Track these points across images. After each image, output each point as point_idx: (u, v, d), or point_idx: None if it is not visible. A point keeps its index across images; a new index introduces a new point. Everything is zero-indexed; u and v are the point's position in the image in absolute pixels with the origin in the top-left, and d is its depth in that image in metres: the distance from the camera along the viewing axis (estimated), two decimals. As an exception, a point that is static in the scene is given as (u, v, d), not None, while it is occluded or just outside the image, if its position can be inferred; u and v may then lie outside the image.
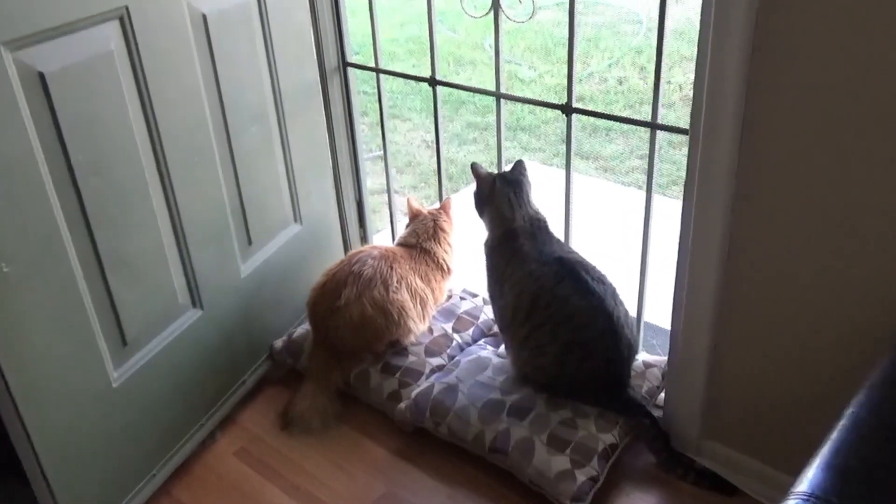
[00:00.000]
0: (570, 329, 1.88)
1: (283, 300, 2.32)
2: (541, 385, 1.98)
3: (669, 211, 1.80)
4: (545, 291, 1.90)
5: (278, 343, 2.31)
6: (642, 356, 2.11)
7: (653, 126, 1.88)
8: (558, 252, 1.96)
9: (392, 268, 2.16)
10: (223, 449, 2.09)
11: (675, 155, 3.88)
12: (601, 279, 1.92)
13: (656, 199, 1.97)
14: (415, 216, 2.35)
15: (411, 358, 2.18)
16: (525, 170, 2.08)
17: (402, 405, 2.07)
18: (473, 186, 2.10)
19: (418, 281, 2.21)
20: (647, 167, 1.94)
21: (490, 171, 2.08)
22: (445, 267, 2.31)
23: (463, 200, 2.12)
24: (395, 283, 2.14)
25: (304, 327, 2.29)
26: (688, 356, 1.85)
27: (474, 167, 2.07)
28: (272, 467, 2.02)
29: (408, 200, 2.39)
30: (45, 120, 1.51)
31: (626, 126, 4.30)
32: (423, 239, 2.29)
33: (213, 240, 2.00)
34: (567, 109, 2.00)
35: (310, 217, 2.36)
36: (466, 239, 2.36)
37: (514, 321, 1.95)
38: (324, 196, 2.44)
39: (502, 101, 2.15)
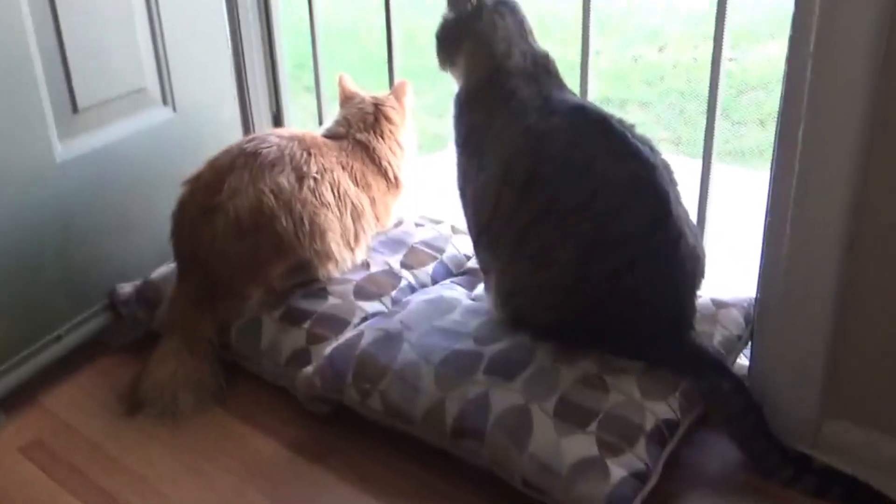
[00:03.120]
0: (596, 216, 1.17)
1: (139, 222, 1.60)
2: (543, 326, 1.26)
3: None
4: (552, 156, 1.19)
5: (126, 287, 1.57)
6: (708, 293, 1.38)
7: None
8: (576, 100, 1.27)
9: (310, 153, 1.47)
10: (4, 441, 1.33)
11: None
12: (647, 142, 1.23)
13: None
14: (348, 100, 1.66)
15: (332, 301, 1.44)
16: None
17: (310, 368, 1.33)
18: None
19: (349, 182, 1.51)
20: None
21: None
22: (391, 175, 1.60)
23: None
24: (313, 173, 1.44)
25: (170, 266, 1.56)
26: (799, 277, 1.15)
27: (438, -16, 1.38)
28: (79, 469, 1.27)
29: (340, 78, 1.69)
30: None
31: (645, 95, 3.69)
32: (356, 129, 1.59)
33: None
34: None
35: (189, 104, 1.67)
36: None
37: (499, 211, 1.23)
38: (214, 84, 1.76)
39: None
